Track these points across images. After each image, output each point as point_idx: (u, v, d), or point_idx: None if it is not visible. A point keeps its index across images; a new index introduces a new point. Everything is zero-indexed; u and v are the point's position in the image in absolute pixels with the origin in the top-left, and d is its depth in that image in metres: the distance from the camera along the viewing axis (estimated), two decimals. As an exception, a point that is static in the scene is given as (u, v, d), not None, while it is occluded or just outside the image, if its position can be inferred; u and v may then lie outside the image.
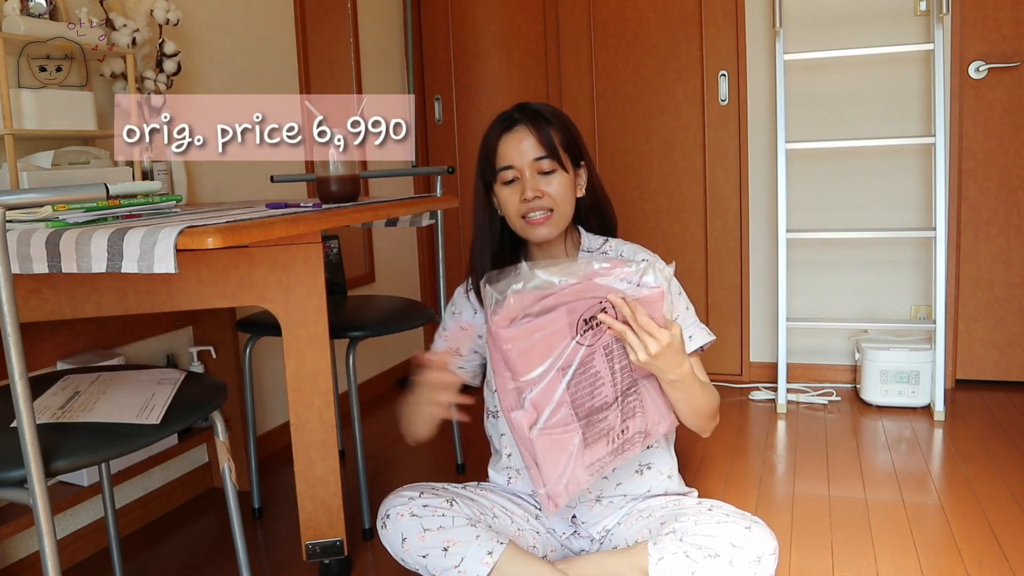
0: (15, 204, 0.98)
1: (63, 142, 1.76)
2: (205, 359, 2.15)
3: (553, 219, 1.41)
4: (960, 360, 2.92)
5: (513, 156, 1.41)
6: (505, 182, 1.42)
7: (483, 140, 1.46)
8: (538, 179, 1.40)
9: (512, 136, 1.42)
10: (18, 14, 1.61)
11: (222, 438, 1.30)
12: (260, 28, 2.45)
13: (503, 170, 1.42)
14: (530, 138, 1.40)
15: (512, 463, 1.51)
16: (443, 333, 1.59)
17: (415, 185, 3.36)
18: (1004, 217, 2.82)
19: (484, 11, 3.24)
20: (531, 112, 1.43)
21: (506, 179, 1.42)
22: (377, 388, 3.13)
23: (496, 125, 1.45)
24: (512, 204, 1.42)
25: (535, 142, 1.40)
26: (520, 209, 1.41)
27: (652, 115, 3.06)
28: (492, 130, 1.45)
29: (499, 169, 1.42)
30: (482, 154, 1.46)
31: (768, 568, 1.26)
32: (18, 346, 0.95)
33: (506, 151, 1.41)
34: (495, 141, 1.43)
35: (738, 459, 2.32)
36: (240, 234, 1.17)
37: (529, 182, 1.39)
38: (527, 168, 1.40)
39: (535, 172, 1.40)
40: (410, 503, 1.38)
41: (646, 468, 1.48)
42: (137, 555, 1.88)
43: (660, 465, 1.49)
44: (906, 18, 2.80)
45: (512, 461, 1.51)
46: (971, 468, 2.17)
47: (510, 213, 1.43)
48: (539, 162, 1.40)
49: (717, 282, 3.06)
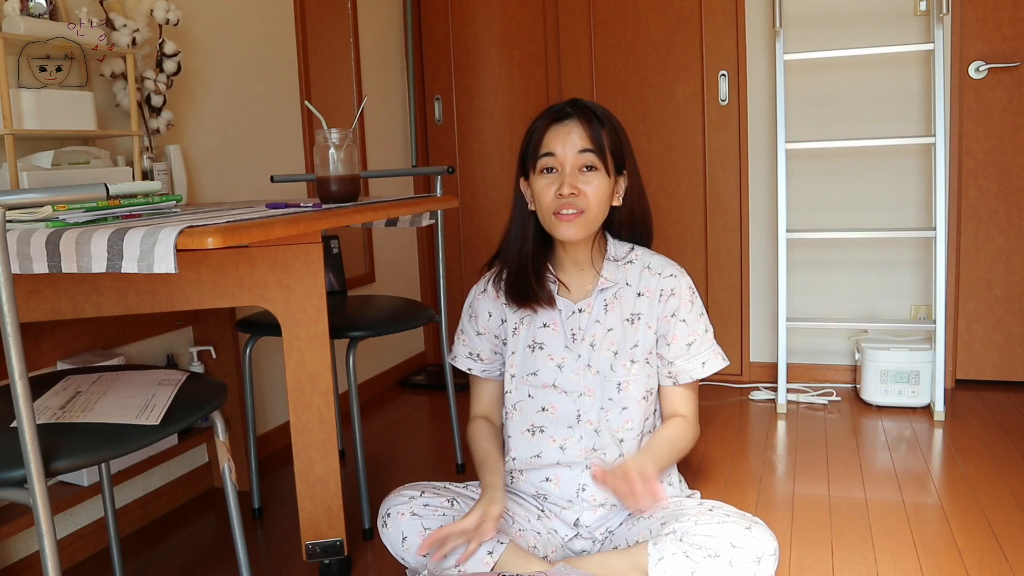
0: (15, 204, 0.98)
1: (63, 142, 1.76)
2: (205, 359, 2.15)
3: (582, 220, 1.39)
4: (960, 360, 2.92)
5: (557, 145, 1.40)
6: (544, 170, 1.41)
7: (529, 129, 1.45)
8: (577, 176, 1.39)
9: (561, 127, 1.41)
10: (18, 14, 1.60)
11: (222, 438, 1.30)
12: (260, 28, 2.45)
13: (545, 156, 1.40)
14: (579, 131, 1.39)
15: (515, 464, 1.51)
16: (461, 337, 1.59)
17: (415, 185, 3.37)
18: (1004, 217, 2.82)
19: (484, 11, 3.24)
20: (584, 108, 1.42)
21: (545, 165, 1.41)
22: (377, 388, 3.13)
23: (546, 114, 1.44)
24: (547, 197, 1.40)
25: (583, 135, 1.39)
26: (553, 205, 1.39)
27: (652, 115, 3.06)
28: (541, 118, 1.44)
29: (541, 155, 1.41)
30: (525, 141, 1.46)
31: (768, 568, 1.26)
32: (18, 346, 0.95)
33: (552, 139, 1.40)
34: (543, 129, 1.42)
35: (738, 459, 2.32)
36: (240, 234, 1.17)
37: (568, 177, 1.38)
38: (569, 162, 1.39)
39: (576, 168, 1.39)
40: (411, 502, 1.38)
41: None
42: (137, 555, 1.88)
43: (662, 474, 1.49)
44: (906, 18, 2.80)
45: (517, 464, 1.51)
46: (971, 468, 2.17)
47: (543, 206, 1.42)
48: (583, 155, 1.39)
49: (717, 282, 3.06)
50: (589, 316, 1.47)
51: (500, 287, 1.52)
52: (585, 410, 1.46)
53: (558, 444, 1.47)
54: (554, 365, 1.47)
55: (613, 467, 1.32)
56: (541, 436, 1.48)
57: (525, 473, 1.50)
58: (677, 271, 1.48)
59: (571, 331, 1.48)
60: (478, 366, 1.57)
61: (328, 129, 1.60)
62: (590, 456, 1.46)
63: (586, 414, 1.46)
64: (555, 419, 1.47)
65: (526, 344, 1.50)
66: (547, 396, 1.48)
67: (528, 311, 1.50)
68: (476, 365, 1.57)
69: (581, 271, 1.50)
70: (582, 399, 1.46)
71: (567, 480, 1.46)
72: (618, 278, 1.48)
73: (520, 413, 1.51)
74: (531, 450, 1.49)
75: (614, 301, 1.47)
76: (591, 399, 1.46)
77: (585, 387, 1.46)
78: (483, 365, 1.57)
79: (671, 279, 1.47)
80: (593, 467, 1.33)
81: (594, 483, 1.41)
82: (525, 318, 1.51)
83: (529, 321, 1.51)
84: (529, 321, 1.51)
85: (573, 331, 1.48)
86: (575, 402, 1.46)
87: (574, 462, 1.46)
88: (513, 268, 1.49)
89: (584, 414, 1.46)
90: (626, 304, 1.47)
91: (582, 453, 1.46)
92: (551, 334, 1.49)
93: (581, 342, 1.47)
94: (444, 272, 2.28)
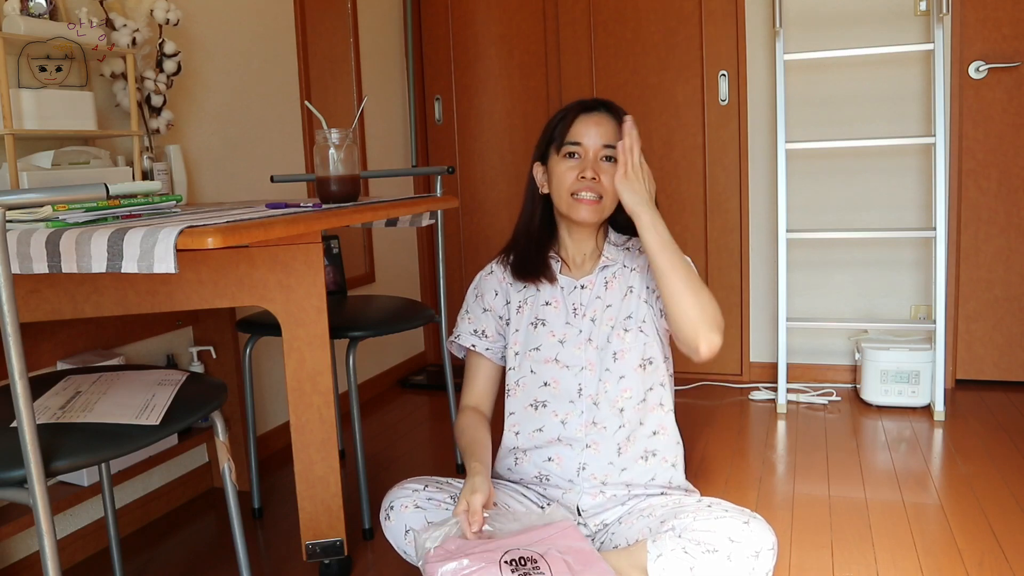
0: (15, 204, 0.98)
1: (63, 142, 1.76)
2: (205, 359, 2.15)
3: (599, 206, 1.48)
4: (960, 360, 2.92)
5: (585, 135, 1.48)
6: (567, 155, 1.49)
7: (554, 117, 1.53)
8: (600, 164, 1.47)
9: (590, 118, 1.49)
10: (18, 14, 1.60)
11: (222, 438, 1.30)
12: (260, 28, 2.45)
13: (571, 144, 1.48)
14: (607, 124, 1.48)
15: (519, 442, 1.54)
16: (466, 315, 1.63)
17: (415, 185, 3.37)
18: (1004, 217, 2.82)
19: (484, 11, 3.24)
20: (612, 106, 1.51)
21: (569, 151, 1.48)
22: (377, 388, 3.13)
23: (575, 106, 1.52)
24: (568, 179, 1.48)
25: (611, 130, 1.48)
26: (573, 186, 1.47)
27: (652, 115, 3.06)
28: (570, 110, 1.51)
29: (568, 142, 1.48)
30: (549, 128, 1.53)
31: (766, 563, 1.26)
32: (18, 346, 0.95)
33: (580, 129, 1.48)
34: (572, 118, 1.50)
35: (738, 459, 2.32)
36: (240, 234, 1.17)
37: (592, 163, 1.47)
38: (593, 151, 1.47)
39: (599, 157, 1.47)
40: (414, 495, 1.40)
41: (651, 455, 1.50)
42: (137, 555, 1.88)
43: (665, 452, 1.52)
44: (906, 18, 2.80)
45: (519, 441, 1.54)
46: (971, 468, 2.17)
47: (562, 187, 1.49)
48: (607, 149, 1.47)
49: (717, 282, 3.06)
50: (591, 292, 1.53)
51: (506, 268, 1.60)
52: (586, 384, 1.50)
53: (559, 419, 1.51)
54: (556, 340, 1.52)
55: None
56: (544, 411, 1.52)
57: (528, 453, 1.52)
58: None
59: (572, 306, 1.53)
60: (482, 343, 1.60)
61: (328, 129, 1.60)
62: (590, 432, 1.49)
63: (587, 388, 1.50)
64: (557, 394, 1.51)
65: (529, 321, 1.55)
66: (549, 371, 1.52)
67: (531, 289, 1.56)
68: (480, 342, 1.60)
69: (584, 255, 1.56)
70: (583, 373, 1.50)
71: (568, 459, 1.50)
72: (618, 258, 1.54)
73: (523, 389, 1.54)
74: (534, 424, 1.52)
75: (613, 279, 1.53)
76: (591, 373, 1.50)
77: (586, 361, 1.51)
78: (487, 343, 1.60)
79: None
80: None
81: None
82: (529, 297, 1.56)
83: (532, 300, 1.56)
84: (532, 300, 1.56)
85: (574, 306, 1.53)
86: (576, 376, 1.50)
87: (575, 439, 1.49)
88: (521, 245, 1.58)
89: (585, 388, 1.50)
90: (623, 281, 1.53)
91: (582, 428, 1.50)
92: (553, 311, 1.54)
93: (582, 317, 1.52)
94: (444, 272, 2.28)
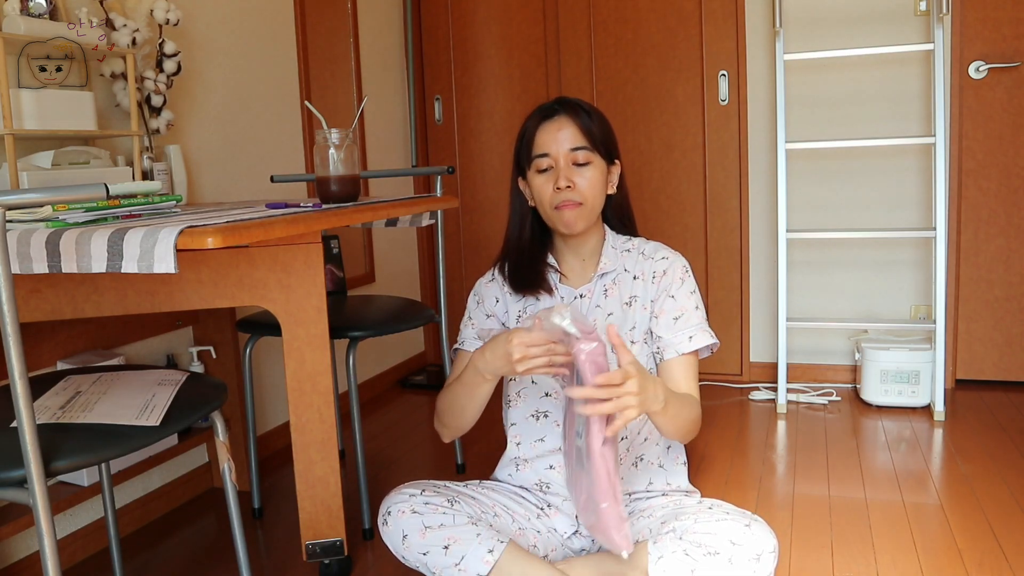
0: (15, 204, 0.98)
1: (63, 142, 1.76)
2: (205, 359, 2.15)
3: (581, 211, 1.44)
4: (960, 360, 2.92)
5: (550, 144, 1.44)
6: (540, 170, 1.45)
7: (521, 129, 1.50)
8: (572, 170, 1.43)
9: (551, 124, 1.45)
10: (18, 14, 1.60)
11: (222, 438, 1.30)
12: (260, 28, 2.45)
13: (539, 157, 1.45)
14: (568, 128, 1.44)
15: (521, 452, 1.53)
16: (469, 322, 1.61)
17: (415, 185, 3.37)
18: (1004, 217, 2.82)
19: (484, 11, 3.24)
20: (571, 104, 1.46)
21: (540, 167, 1.45)
22: (377, 388, 3.13)
23: (535, 114, 1.48)
24: (546, 193, 1.45)
25: (573, 132, 1.43)
26: (553, 200, 1.44)
27: (652, 115, 3.06)
28: (531, 118, 1.48)
29: (535, 156, 1.45)
30: (518, 143, 1.50)
31: (767, 566, 1.26)
32: (18, 346, 0.95)
33: (543, 139, 1.44)
34: (533, 128, 1.46)
35: (738, 459, 2.32)
36: (240, 234, 1.17)
37: (563, 171, 1.42)
38: (562, 157, 1.43)
39: (569, 163, 1.43)
40: (412, 500, 1.39)
41: (639, 460, 1.50)
42: (137, 555, 1.88)
43: (650, 456, 1.51)
44: (906, 18, 2.80)
45: (521, 451, 1.53)
46: (971, 468, 2.17)
47: (544, 202, 1.46)
48: (575, 152, 1.43)
49: (717, 282, 3.06)
50: (590, 301, 1.51)
51: (505, 277, 1.58)
52: None
53: (561, 429, 1.49)
54: None
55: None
56: (545, 421, 1.51)
57: (530, 462, 1.52)
58: (670, 254, 1.52)
59: None
60: None
61: (328, 129, 1.60)
62: None
63: None
64: (558, 404, 1.50)
65: None
66: (550, 381, 1.51)
67: (531, 300, 1.54)
68: None
69: (583, 261, 1.53)
70: None
71: None
72: (617, 264, 1.52)
73: (524, 400, 1.53)
74: (536, 434, 1.51)
75: (613, 287, 1.51)
76: None
77: None
78: None
79: (663, 261, 1.51)
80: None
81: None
82: (528, 307, 1.54)
83: (532, 310, 1.54)
84: (532, 310, 1.54)
85: None
86: None
87: None
88: (514, 259, 1.54)
89: None
90: (624, 289, 1.51)
91: None
92: None
93: None
94: (444, 272, 2.28)
